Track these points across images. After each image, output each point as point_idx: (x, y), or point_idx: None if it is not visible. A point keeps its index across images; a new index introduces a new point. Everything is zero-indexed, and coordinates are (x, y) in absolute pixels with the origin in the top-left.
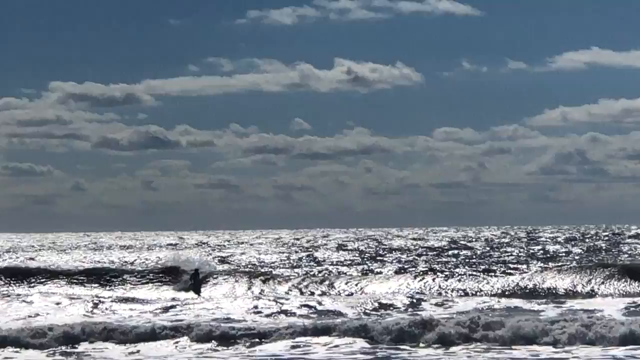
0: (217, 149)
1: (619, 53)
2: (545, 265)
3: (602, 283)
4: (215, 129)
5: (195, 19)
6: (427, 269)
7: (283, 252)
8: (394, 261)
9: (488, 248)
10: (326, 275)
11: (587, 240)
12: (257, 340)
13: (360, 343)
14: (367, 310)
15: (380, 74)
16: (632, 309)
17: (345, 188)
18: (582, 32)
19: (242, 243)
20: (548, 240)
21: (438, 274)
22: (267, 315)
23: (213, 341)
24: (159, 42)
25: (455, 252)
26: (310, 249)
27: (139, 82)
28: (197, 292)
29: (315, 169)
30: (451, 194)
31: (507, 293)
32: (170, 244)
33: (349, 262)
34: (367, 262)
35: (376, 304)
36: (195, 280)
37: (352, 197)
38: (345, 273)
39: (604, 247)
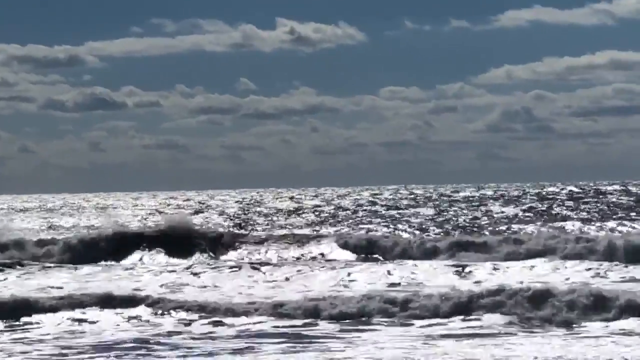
0: (164, 109)
1: (562, 10)
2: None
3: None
4: (161, 90)
5: None
6: None
7: None
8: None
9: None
10: None
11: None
12: None
13: None
14: None
15: (323, 33)
16: None
17: (293, 147)
18: None
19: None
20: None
21: None
22: None
23: None
24: (101, 3)
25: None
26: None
27: (82, 43)
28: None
29: (262, 128)
30: (399, 152)
31: None
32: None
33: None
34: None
35: None
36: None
37: (299, 157)
38: None
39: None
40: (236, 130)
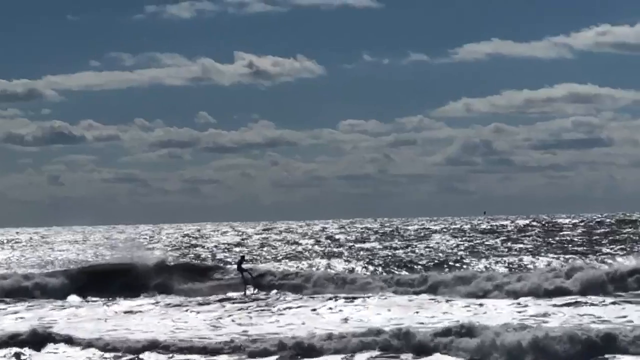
0: (123, 143)
1: (520, 44)
2: None
3: None
4: (120, 124)
5: (93, 14)
6: None
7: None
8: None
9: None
10: None
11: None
12: None
13: None
14: None
15: (282, 67)
16: None
17: (252, 181)
18: (482, 23)
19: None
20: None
21: None
22: None
23: None
24: (59, 37)
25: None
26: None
27: (41, 77)
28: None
29: (222, 162)
30: (358, 185)
31: None
32: None
33: None
34: None
35: None
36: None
37: (259, 190)
38: None
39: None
40: (195, 164)
